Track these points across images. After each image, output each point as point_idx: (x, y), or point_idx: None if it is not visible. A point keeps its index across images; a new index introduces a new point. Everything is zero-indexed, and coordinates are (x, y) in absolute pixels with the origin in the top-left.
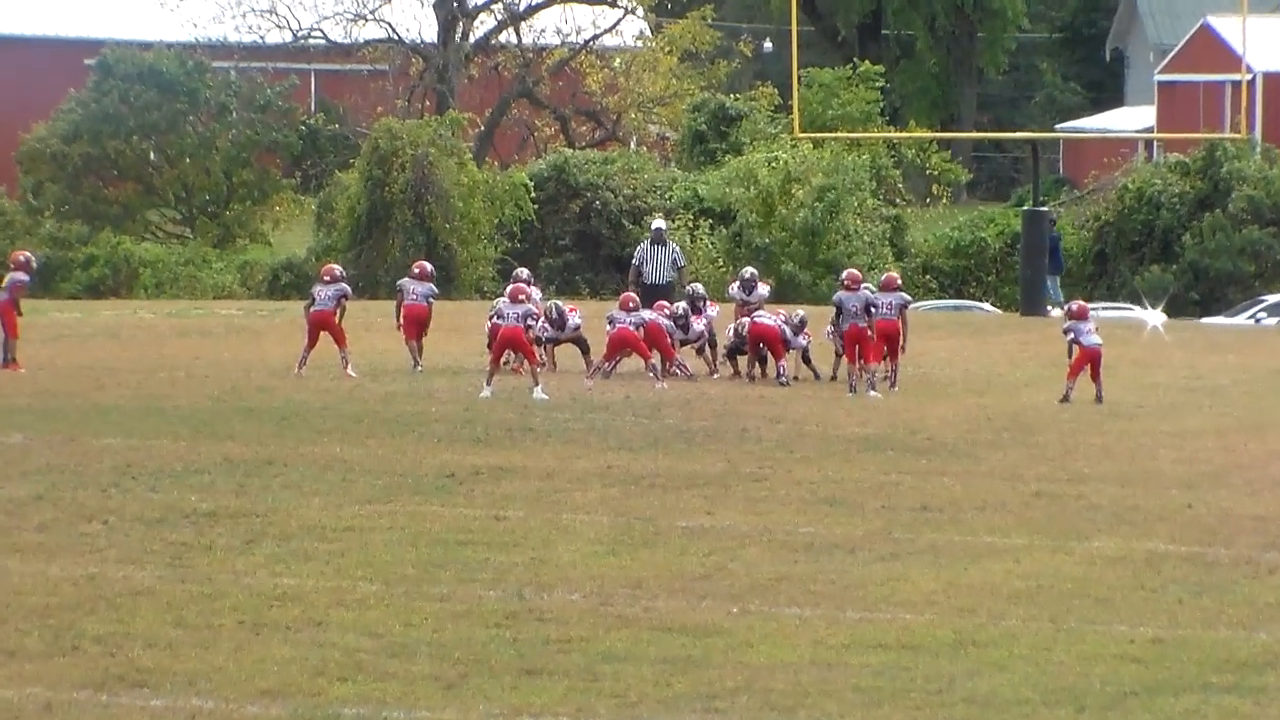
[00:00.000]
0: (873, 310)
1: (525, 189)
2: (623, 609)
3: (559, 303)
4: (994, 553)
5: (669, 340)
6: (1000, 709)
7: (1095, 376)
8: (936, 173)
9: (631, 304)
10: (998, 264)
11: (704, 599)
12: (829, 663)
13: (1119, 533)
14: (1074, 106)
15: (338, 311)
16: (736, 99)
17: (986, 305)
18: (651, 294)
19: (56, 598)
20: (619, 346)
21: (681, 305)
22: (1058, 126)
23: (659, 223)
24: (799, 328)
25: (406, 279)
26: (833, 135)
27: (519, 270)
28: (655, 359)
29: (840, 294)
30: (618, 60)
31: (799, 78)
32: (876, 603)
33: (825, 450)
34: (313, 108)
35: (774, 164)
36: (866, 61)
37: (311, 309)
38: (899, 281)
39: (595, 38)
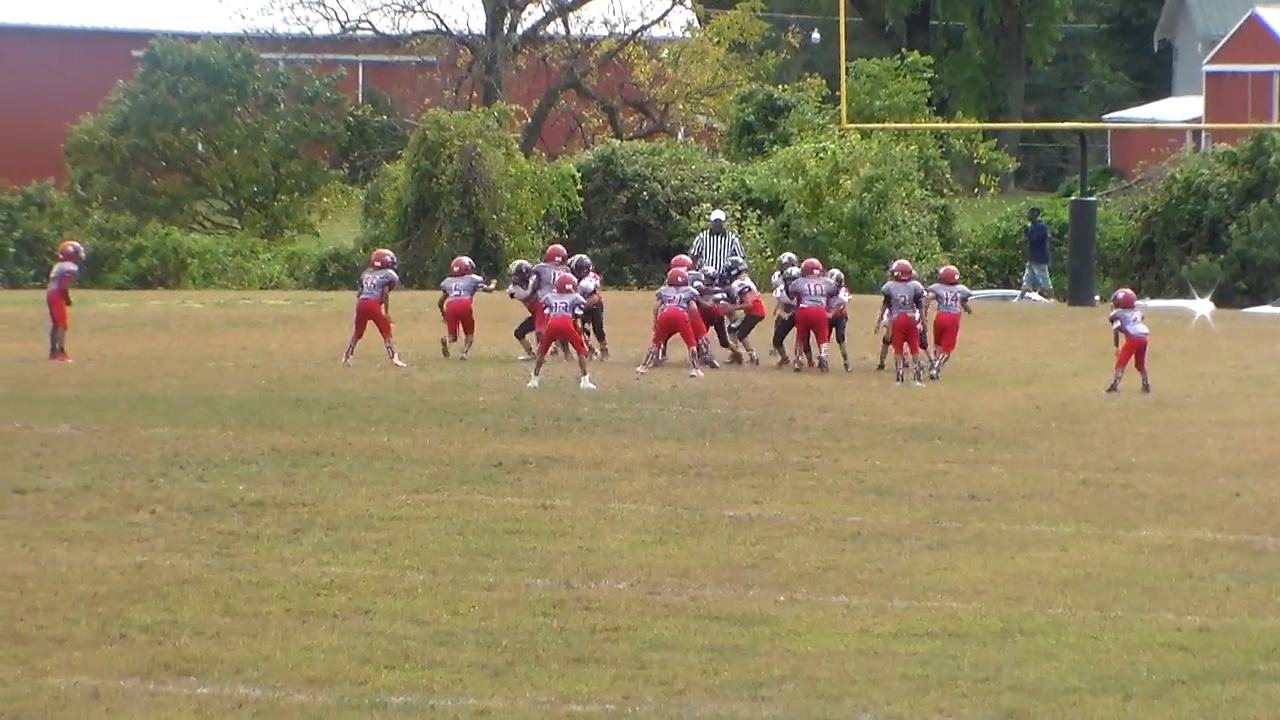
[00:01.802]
0: (921, 300)
1: (573, 180)
2: (670, 598)
3: (525, 262)
4: (1041, 541)
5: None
6: (1047, 697)
7: (1140, 366)
8: (984, 163)
9: (680, 278)
10: None
11: (751, 588)
12: (875, 651)
13: (1166, 521)
14: (1122, 97)
15: (383, 300)
16: (784, 90)
17: (1035, 295)
18: (712, 284)
19: (104, 586)
20: (667, 328)
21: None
22: (1105, 117)
23: (717, 214)
24: (837, 288)
25: (448, 279)
26: (880, 126)
27: (580, 257)
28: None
29: (890, 284)
30: (665, 51)
31: (847, 68)
32: (923, 591)
33: (872, 439)
34: (360, 99)
35: (822, 154)
36: (914, 52)
37: (358, 298)
38: (957, 274)
39: (643, 28)
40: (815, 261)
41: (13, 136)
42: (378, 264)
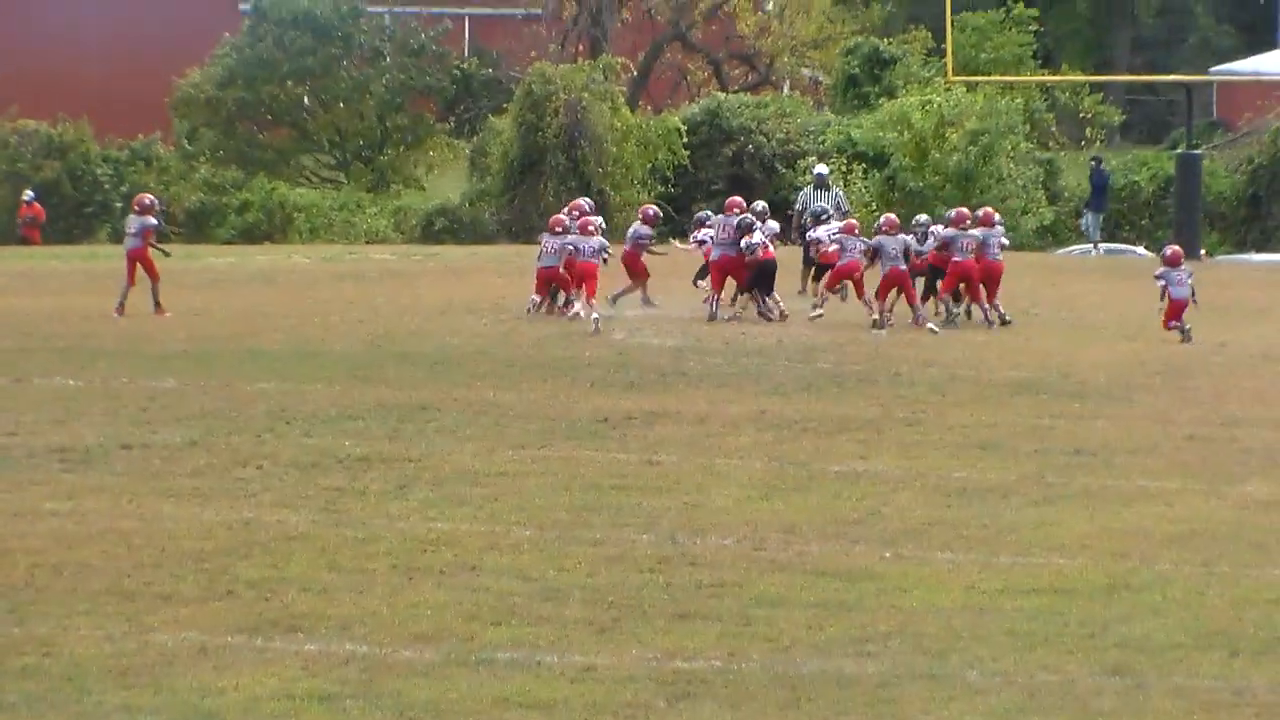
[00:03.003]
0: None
1: (678, 133)
2: (775, 553)
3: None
4: (1146, 497)
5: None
6: (1153, 653)
7: (1178, 322)
8: (1090, 116)
9: (856, 229)
10: (1151, 208)
11: (857, 543)
12: (981, 607)
13: (1273, 476)
14: (1228, 49)
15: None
16: (890, 43)
17: (1141, 249)
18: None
19: (211, 542)
20: (845, 276)
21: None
22: (1211, 69)
23: (821, 168)
24: (924, 237)
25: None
26: (986, 79)
27: (704, 213)
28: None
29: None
30: (771, 3)
31: (952, 21)
32: (1029, 547)
33: (978, 394)
34: (466, 52)
35: (927, 108)
36: (1020, 4)
37: (539, 262)
38: (997, 216)
39: None
40: (894, 217)
41: (119, 91)
42: (558, 230)
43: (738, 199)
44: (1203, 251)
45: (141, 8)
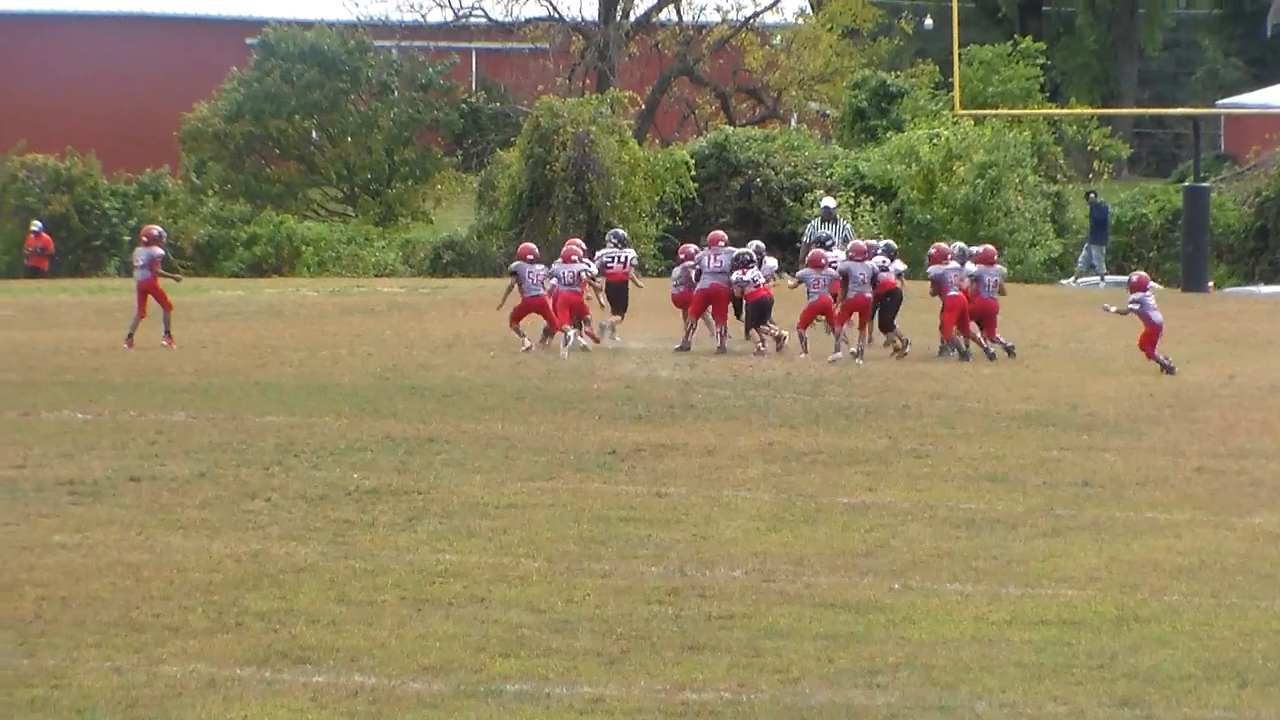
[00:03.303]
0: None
1: (686, 166)
2: (784, 585)
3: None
4: (1156, 528)
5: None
6: (1162, 684)
7: (1151, 352)
8: (1097, 149)
9: (824, 260)
10: (1159, 240)
11: (865, 575)
12: (990, 639)
13: None
14: (1235, 82)
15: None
16: (897, 76)
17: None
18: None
19: (220, 574)
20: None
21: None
22: (1219, 102)
23: (828, 201)
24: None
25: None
26: (994, 112)
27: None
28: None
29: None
30: (778, 37)
31: (960, 55)
32: (1038, 579)
33: (986, 426)
34: (474, 86)
35: (935, 141)
36: (1027, 38)
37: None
38: (995, 254)
39: (756, 15)
40: (861, 244)
41: (127, 124)
42: (529, 257)
43: (720, 233)
44: (1210, 284)
45: (149, 42)
